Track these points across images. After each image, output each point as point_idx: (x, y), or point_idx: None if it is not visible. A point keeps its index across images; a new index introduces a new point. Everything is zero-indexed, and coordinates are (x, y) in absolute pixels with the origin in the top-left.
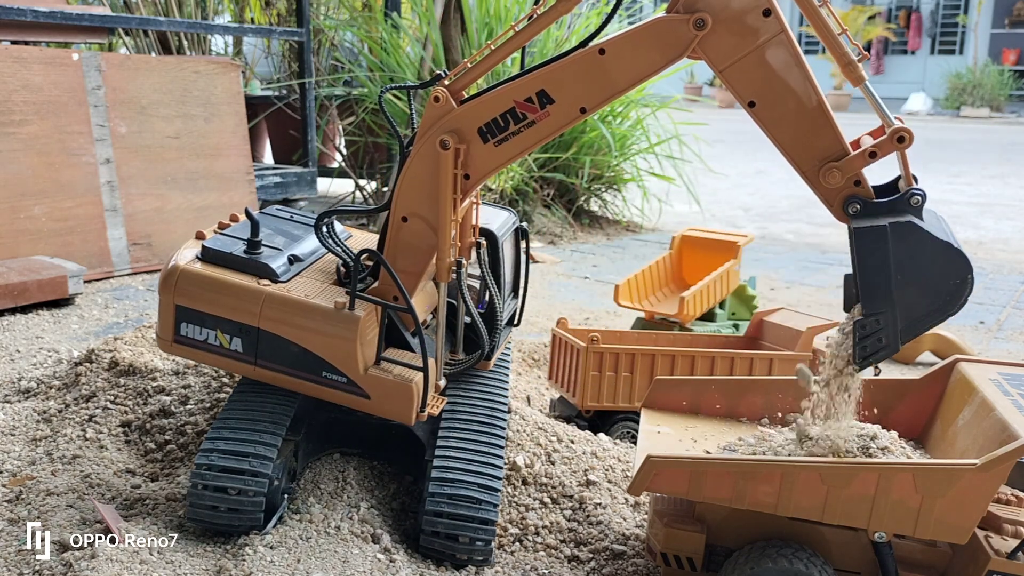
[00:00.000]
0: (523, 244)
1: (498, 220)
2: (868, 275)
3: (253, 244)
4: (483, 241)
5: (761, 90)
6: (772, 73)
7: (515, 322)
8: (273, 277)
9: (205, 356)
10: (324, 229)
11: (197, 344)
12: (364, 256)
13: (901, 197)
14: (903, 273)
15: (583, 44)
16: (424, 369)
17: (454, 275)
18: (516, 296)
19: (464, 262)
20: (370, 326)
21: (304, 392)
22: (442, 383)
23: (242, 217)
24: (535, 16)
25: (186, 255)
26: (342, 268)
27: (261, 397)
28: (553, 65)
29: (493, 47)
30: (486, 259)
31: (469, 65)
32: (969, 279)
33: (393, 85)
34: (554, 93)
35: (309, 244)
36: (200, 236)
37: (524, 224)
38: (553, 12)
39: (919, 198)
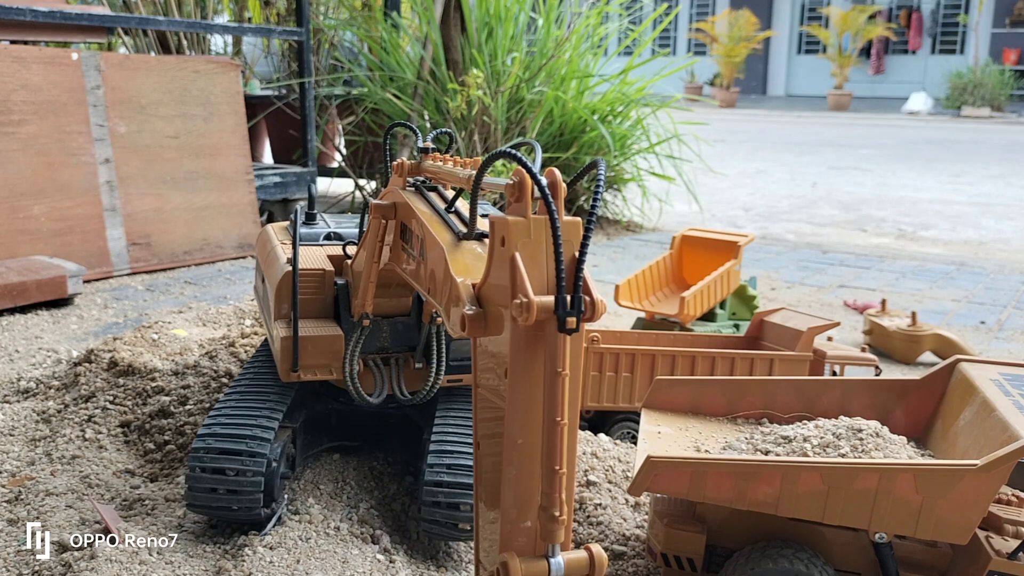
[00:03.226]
0: None
1: None
2: None
3: (310, 216)
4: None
5: None
6: None
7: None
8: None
9: (256, 295)
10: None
11: (256, 288)
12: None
13: None
14: None
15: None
16: (294, 338)
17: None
18: None
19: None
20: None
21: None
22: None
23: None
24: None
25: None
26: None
27: (257, 389)
28: (432, 221)
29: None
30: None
31: (440, 163)
32: None
33: (397, 123)
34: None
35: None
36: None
37: None
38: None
39: None
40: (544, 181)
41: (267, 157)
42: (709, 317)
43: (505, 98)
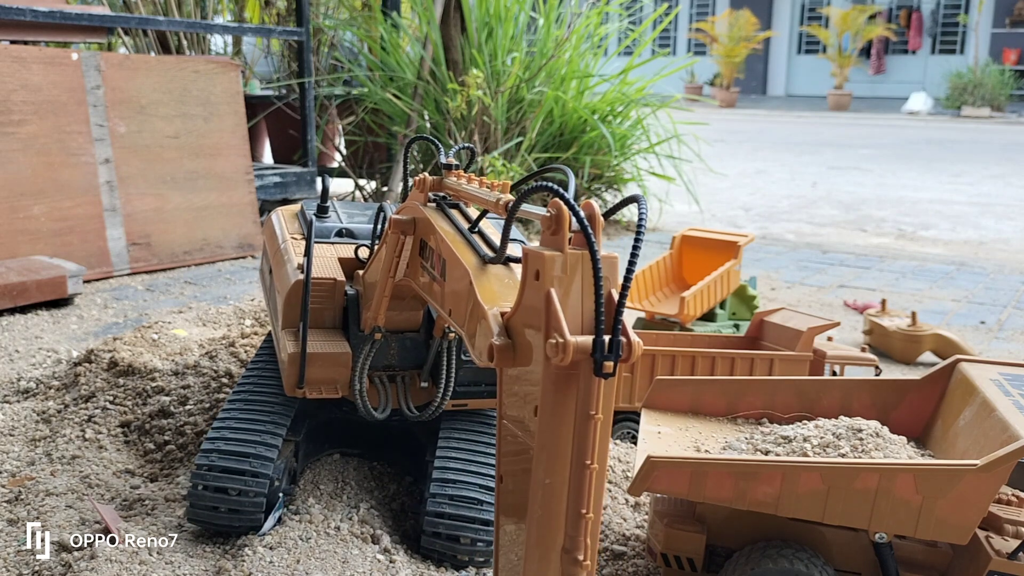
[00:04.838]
0: None
1: None
2: None
3: (322, 209)
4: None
5: None
6: None
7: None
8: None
9: (262, 281)
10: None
11: (261, 272)
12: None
13: None
14: None
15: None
16: (302, 356)
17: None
18: None
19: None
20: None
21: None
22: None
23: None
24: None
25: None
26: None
27: (261, 397)
28: (456, 242)
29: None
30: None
31: (464, 181)
32: None
33: (418, 136)
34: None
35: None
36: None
37: None
38: None
39: None
40: (583, 215)
41: (267, 157)
42: (709, 317)
43: (505, 98)
